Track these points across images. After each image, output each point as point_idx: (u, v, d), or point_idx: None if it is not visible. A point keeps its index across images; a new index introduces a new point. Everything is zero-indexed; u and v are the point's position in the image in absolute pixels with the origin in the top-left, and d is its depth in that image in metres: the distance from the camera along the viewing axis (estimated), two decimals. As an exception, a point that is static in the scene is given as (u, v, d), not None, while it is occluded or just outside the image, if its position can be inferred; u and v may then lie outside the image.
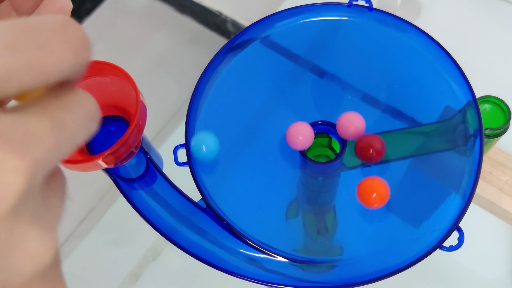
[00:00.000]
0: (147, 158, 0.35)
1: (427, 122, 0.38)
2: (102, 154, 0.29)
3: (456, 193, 0.34)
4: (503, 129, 0.44)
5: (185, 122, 0.38)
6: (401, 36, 0.40)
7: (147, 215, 0.35)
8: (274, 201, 0.37)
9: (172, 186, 0.35)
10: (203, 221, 0.35)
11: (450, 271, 0.55)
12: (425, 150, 0.37)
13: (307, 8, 0.41)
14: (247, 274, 0.33)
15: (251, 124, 0.39)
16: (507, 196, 0.47)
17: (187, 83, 0.66)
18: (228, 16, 0.75)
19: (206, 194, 0.36)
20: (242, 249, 0.34)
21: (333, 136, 0.36)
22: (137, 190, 0.35)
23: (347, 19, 0.41)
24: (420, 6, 0.68)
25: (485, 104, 0.45)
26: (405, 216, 0.35)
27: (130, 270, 0.59)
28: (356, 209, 0.36)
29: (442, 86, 0.38)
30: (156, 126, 0.69)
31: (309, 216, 0.38)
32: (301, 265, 0.34)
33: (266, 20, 0.41)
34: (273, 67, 0.41)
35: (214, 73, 0.40)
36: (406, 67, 0.39)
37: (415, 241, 0.34)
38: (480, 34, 0.66)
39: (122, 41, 0.77)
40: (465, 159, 0.35)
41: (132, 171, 0.35)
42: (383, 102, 0.39)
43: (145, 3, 0.79)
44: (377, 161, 0.34)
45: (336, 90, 0.39)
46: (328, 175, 0.36)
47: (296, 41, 0.41)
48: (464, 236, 0.33)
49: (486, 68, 0.63)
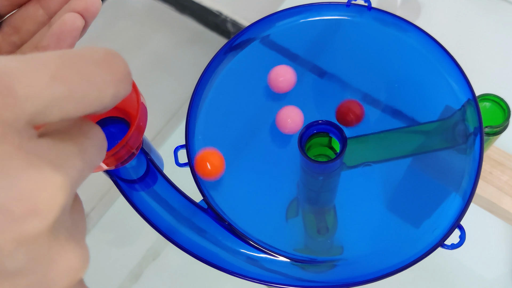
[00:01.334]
0: (148, 159, 0.35)
1: (427, 121, 0.38)
2: None
3: (456, 191, 0.34)
4: (502, 127, 0.44)
5: (185, 122, 0.38)
6: (401, 35, 0.40)
7: (148, 216, 0.35)
8: (275, 201, 0.37)
9: (173, 187, 0.35)
10: (204, 222, 0.35)
11: (450, 271, 0.55)
12: (425, 149, 0.37)
13: (307, 8, 0.41)
14: (248, 274, 0.33)
15: (251, 124, 0.39)
16: (507, 196, 0.47)
17: (187, 83, 0.66)
18: (228, 16, 0.75)
19: (207, 194, 0.36)
20: (243, 249, 0.34)
21: (333, 136, 0.36)
22: (138, 191, 0.35)
23: (347, 19, 0.41)
24: (420, 6, 0.68)
25: (484, 102, 0.45)
26: (406, 215, 0.35)
27: (130, 270, 0.59)
28: (356, 208, 0.36)
29: (442, 85, 0.38)
30: (156, 126, 0.69)
31: (310, 216, 0.38)
32: (302, 264, 0.34)
33: (265, 20, 0.41)
34: (272, 67, 0.41)
35: (214, 73, 0.40)
36: (405, 67, 0.39)
37: (416, 239, 0.34)
38: (479, 34, 0.66)
39: (122, 41, 0.77)
40: (465, 157, 0.35)
41: (132, 172, 0.35)
42: (383, 102, 0.39)
43: (145, 3, 0.79)
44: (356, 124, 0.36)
45: (336, 90, 0.39)
46: (328, 174, 0.36)
47: (296, 41, 0.41)
48: (465, 234, 0.33)
49: (486, 67, 0.63)
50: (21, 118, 0.15)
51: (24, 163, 0.15)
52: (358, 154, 0.37)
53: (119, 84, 0.18)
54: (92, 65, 0.17)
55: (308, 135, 0.36)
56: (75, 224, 0.18)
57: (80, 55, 0.17)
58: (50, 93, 0.15)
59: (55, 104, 0.16)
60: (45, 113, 0.16)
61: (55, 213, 0.15)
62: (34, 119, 0.15)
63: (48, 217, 0.15)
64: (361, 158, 0.37)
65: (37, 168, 0.15)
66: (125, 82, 0.18)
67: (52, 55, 0.16)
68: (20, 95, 0.15)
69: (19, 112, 0.15)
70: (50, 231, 0.15)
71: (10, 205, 0.14)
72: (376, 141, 0.38)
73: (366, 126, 0.38)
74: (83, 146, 0.17)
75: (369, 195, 0.36)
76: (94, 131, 0.19)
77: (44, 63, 0.16)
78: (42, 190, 0.15)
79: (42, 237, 0.15)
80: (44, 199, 0.15)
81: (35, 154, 0.15)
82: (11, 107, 0.15)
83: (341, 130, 0.35)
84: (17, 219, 0.14)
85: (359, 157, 0.37)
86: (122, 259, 0.60)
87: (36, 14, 0.29)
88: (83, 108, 0.17)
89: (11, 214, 0.14)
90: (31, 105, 0.15)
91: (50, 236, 0.15)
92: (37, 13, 0.29)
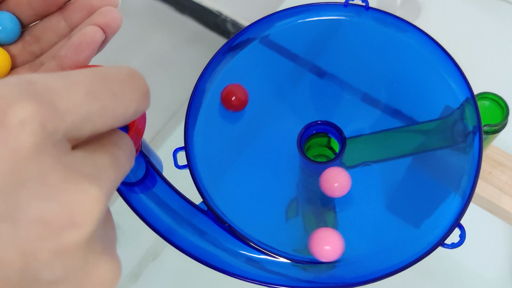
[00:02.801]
0: (147, 162, 0.35)
1: (426, 120, 0.38)
2: None
3: (456, 191, 0.34)
4: (501, 126, 0.44)
5: (184, 123, 0.38)
6: (399, 35, 0.40)
7: (148, 219, 0.35)
8: (274, 202, 0.37)
9: (172, 189, 0.35)
10: (204, 224, 0.35)
11: (450, 271, 0.55)
12: (425, 148, 0.37)
13: (306, 8, 0.41)
14: (248, 275, 0.33)
15: (250, 124, 0.39)
16: (507, 196, 0.47)
17: (187, 83, 0.66)
18: (228, 16, 0.74)
19: (206, 196, 0.36)
20: (243, 251, 0.34)
21: (332, 136, 0.36)
22: (137, 194, 0.35)
23: (345, 19, 0.41)
24: (420, 6, 0.68)
25: (483, 101, 0.45)
26: (406, 214, 0.35)
27: (129, 270, 0.59)
28: (356, 208, 0.36)
29: (441, 85, 0.38)
30: (155, 127, 0.69)
31: (309, 216, 0.38)
32: (302, 265, 0.34)
33: (265, 20, 0.41)
34: (272, 67, 0.41)
35: (213, 73, 0.40)
36: (405, 66, 0.39)
37: (416, 239, 0.34)
38: (478, 33, 0.66)
39: (122, 41, 0.77)
40: (464, 156, 0.35)
41: (132, 175, 0.35)
42: (382, 102, 0.39)
43: (145, 3, 0.79)
44: (240, 110, 0.38)
45: (335, 90, 0.39)
46: (328, 175, 0.36)
47: (295, 41, 0.41)
48: (465, 233, 0.33)
49: (484, 66, 0.63)
50: (60, 130, 0.16)
51: (62, 176, 0.15)
52: (358, 154, 0.37)
53: (141, 101, 0.19)
54: (119, 83, 0.18)
55: (307, 136, 0.36)
56: (107, 236, 0.18)
57: (109, 73, 0.18)
58: (86, 108, 0.16)
59: (90, 118, 0.17)
60: (81, 127, 0.16)
61: (92, 226, 0.16)
62: (70, 133, 0.16)
63: (86, 229, 0.16)
64: (360, 158, 0.37)
65: (75, 181, 0.16)
66: (146, 98, 0.19)
67: (85, 73, 0.17)
68: (61, 108, 0.16)
69: (60, 124, 0.16)
70: (87, 243, 0.16)
71: (50, 217, 0.15)
72: (375, 141, 0.38)
73: (366, 126, 0.38)
74: (115, 156, 0.18)
75: (369, 195, 0.36)
76: (124, 141, 0.19)
77: (80, 80, 0.17)
78: (80, 202, 0.15)
79: (79, 249, 0.16)
80: (82, 212, 0.15)
81: (72, 167, 0.16)
82: (53, 119, 0.15)
83: (340, 130, 0.35)
84: (56, 231, 0.15)
85: (359, 157, 0.37)
86: (122, 259, 0.60)
87: (58, 26, 0.30)
88: (111, 122, 0.18)
89: (50, 226, 0.15)
90: (70, 118, 0.16)
91: (87, 248, 0.16)
92: (59, 24, 0.30)
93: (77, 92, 0.16)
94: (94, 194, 0.16)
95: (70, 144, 0.17)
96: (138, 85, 0.19)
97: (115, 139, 0.19)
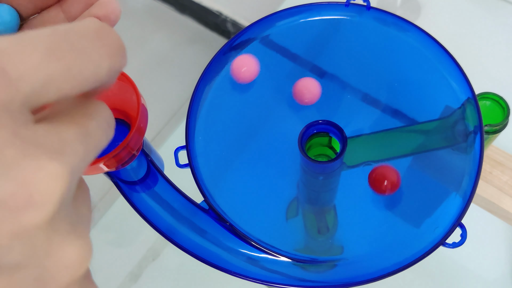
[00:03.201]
0: (148, 161, 0.35)
1: (427, 120, 0.38)
2: (103, 158, 0.29)
3: (457, 190, 0.34)
4: (502, 125, 0.44)
5: (186, 122, 0.38)
6: (400, 34, 0.40)
7: (150, 217, 0.35)
8: (275, 201, 0.37)
9: (174, 188, 0.35)
10: (205, 223, 0.35)
11: (450, 271, 0.55)
12: (425, 148, 0.37)
13: (307, 8, 0.41)
14: (249, 274, 0.33)
15: (251, 124, 0.39)
16: (507, 196, 0.47)
17: (187, 83, 0.66)
18: (228, 16, 0.74)
19: (207, 195, 0.36)
20: (244, 250, 0.34)
21: (333, 136, 0.36)
22: (138, 193, 0.35)
23: (346, 18, 0.41)
24: (420, 5, 0.68)
25: (484, 101, 0.45)
26: (406, 214, 0.35)
27: (130, 270, 0.59)
28: (357, 208, 0.36)
29: (442, 85, 0.38)
30: (156, 127, 0.69)
31: (310, 216, 0.38)
32: (303, 264, 0.34)
33: (265, 20, 0.41)
34: (272, 67, 0.41)
35: (214, 73, 0.40)
36: (405, 66, 0.39)
37: (417, 239, 0.34)
38: (479, 33, 0.66)
39: (122, 40, 0.77)
40: (465, 156, 0.35)
41: (133, 174, 0.35)
42: (383, 101, 0.39)
43: (145, 3, 0.79)
44: (392, 192, 0.35)
45: (336, 90, 0.39)
46: (328, 174, 0.36)
47: (295, 41, 0.41)
48: (466, 233, 0.33)
49: (485, 66, 0.63)
50: (15, 100, 0.14)
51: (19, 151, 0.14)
52: (358, 153, 0.37)
53: (114, 57, 0.17)
54: (86, 40, 0.16)
55: (308, 135, 0.36)
56: (78, 215, 0.17)
57: (73, 30, 0.16)
58: (44, 71, 0.15)
59: (51, 83, 0.15)
60: (41, 93, 0.15)
61: (53, 205, 0.14)
62: (29, 101, 0.15)
63: (46, 209, 0.14)
64: (361, 158, 0.37)
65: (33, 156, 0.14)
66: (120, 54, 0.17)
67: (44, 32, 0.15)
68: (12, 75, 0.14)
69: (13, 93, 0.14)
70: (48, 223, 0.15)
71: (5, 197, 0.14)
72: (376, 141, 0.38)
73: (367, 125, 0.38)
74: (85, 128, 0.16)
75: (370, 194, 0.36)
76: (99, 110, 0.17)
77: (36, 40, 0.15)
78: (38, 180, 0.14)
79: (40, 230, 0.14)
80: (41, 190, 0.14)
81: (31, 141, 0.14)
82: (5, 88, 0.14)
83: (341, 129, 0.35)
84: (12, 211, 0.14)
85: (359, 157, 0.37)
86: (122, 259, 0.60)
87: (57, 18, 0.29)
88: (80, 84, 0.16)
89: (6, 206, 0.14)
90: (25, 85, 0.14)
91: (49, 229, 0.15)
92: (58, 17, 0.29)
93: (32, 54, 0.15)
94: (55, 170, 0.14)
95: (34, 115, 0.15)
96: (109, 40, 0.17)
97: (88, 110, 0.17)
